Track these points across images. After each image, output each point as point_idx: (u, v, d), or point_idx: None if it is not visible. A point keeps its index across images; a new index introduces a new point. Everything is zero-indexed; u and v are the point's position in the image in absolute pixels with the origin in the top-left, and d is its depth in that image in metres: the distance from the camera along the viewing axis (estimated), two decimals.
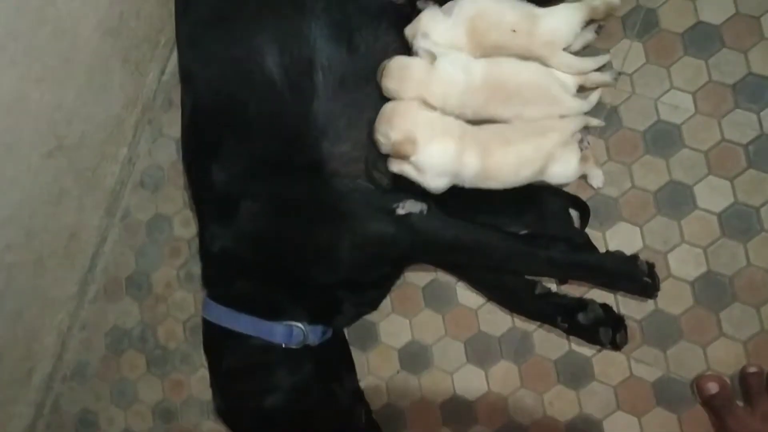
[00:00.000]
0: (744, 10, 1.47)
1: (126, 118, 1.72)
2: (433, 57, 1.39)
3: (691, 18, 1.50)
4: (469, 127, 1.40)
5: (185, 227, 1.77)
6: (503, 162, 1.38)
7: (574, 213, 1.51)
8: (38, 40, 1.39)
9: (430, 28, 1.44)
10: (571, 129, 1.38)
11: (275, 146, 1.44)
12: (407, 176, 1.38)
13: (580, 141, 1.42)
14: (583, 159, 1.41)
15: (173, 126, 1.75)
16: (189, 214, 1.76)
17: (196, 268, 1.67)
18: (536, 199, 1.47)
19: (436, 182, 1.38)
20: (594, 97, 1.45)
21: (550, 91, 1.40)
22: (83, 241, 1.72)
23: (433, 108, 1.39)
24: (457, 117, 1.42)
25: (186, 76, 1.54)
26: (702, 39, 1.49)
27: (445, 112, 1.40)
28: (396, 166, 1.38)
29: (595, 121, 1.45)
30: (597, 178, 1.48)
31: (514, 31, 1.41)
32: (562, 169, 1.39)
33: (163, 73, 1.79)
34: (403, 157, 1.35)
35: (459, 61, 1.41)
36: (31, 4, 1.34)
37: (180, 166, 1.75)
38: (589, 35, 1.48)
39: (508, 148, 1.37)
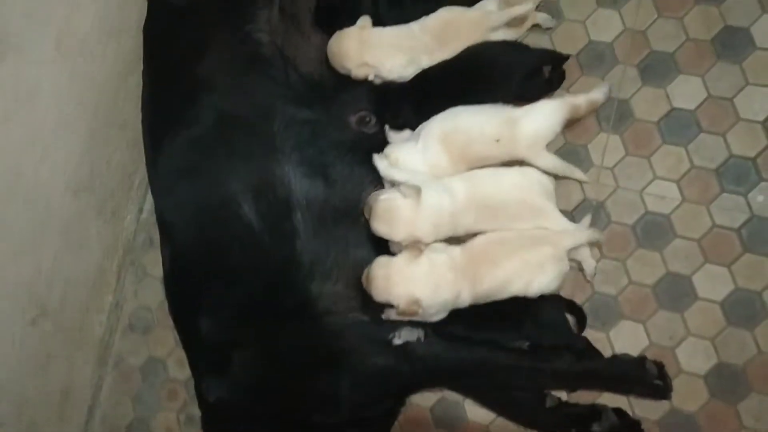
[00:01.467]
0: (716, 92, 1.46)
1: (108, 266, 1.69)
2: (417, 190, 1.34)
3: (665, 105, 1.49)
4: (458, 258, 1.35)
5: (180, 368, 1.72)
6: (493, 284, 1.35)
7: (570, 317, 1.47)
8: (10, 213, 1.37)
9: (402, 159, 1.43)
10: (566, 246, 1.35)
11: (261, 291, 1.41)
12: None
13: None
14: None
15: (157, 265, 1.70)
16: (182, 354, 1.69)
17: (196, 410, 1.60)
18: (532, 309, 1.43)
19: (434, 318, 1.35)
20: (586, 221, 1.43)
21: (535, 204, 1.38)
22: (77, 397, 1.68)
23: (421, 246, 1.35)
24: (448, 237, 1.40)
25: (163, 226, 1.52)
26: (678, 126, 1.47)
27: (438, 239, 1.38)
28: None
29: (595, 235, 1.42)
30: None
31: (498, 140, 1.39)
32: (545, 281, 1.35)
33: (141, 212, 1.76)
34: (410, 316, 1.32)
35: (440, 187, 1.38)
36: (1, 179, 1.32)
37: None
38: None
39: (496, 271, 1.34)
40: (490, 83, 1.49)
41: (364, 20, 1.50)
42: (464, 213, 1.37)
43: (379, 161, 1.43)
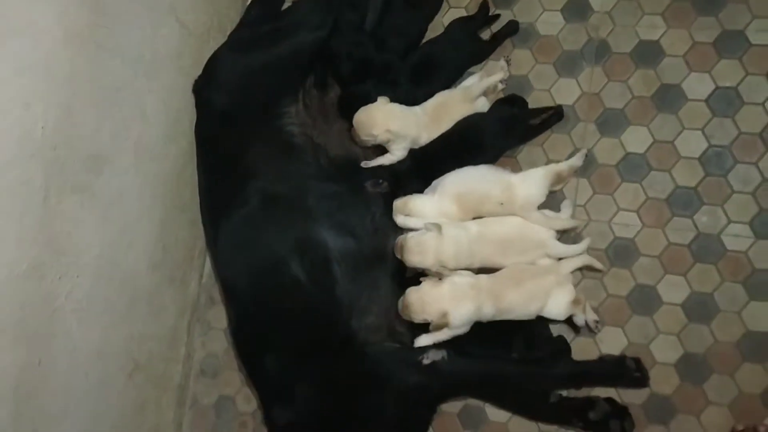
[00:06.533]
0: (660, 137, 1.83)
1: (180, 324, 2.04)
2: (438, 226, 1.68)
3: (620, 151, 1.86)
4: (482, 280, 1.69)
5: (247, 403, 2.06)
6: (516, 301, 1.68)
7: None
8: (111, 294, 1.71)
9: (418, 206, 1.78)
10: (565, 271, 1.71)
11: (313, 333, 1.76)
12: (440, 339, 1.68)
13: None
14: (576, 302, 1.71)
15: (219, 319, 2.08)
16: (248, 391, 2.05)
17: None
18: (520, 328, 1.77)
19: (460, 331, 1.67)
20: (585, 243, 1.78)
21: (535, 237, 1.74)
22: None
23: (446, 269, 1.68)
24: (468, 267, 1.72)
25: (226, 290, 1.90)
26: (633, 166, 1.84)
27: (458, 266, 1.70)
28: (430, 339, 1.67)
29: (596, 263, 1.77)
30: (591, 321, 1.74)
31: (501, 204, 1.75)
32: (555, 306, 1.70)
33: (201, 277, 2.11)
34: (442, 328, 1.64)
35: (456, 224, 1.74)
36: (103, 269, 1.67)
37: (232, 351, 2.05)
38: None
39: (520, 289, 1.68)
40: (482, 146, 1.87)
41: (384, 99, 1.84)
42: (479, 244, 1.71)
43: (396, 217, 1.79)
